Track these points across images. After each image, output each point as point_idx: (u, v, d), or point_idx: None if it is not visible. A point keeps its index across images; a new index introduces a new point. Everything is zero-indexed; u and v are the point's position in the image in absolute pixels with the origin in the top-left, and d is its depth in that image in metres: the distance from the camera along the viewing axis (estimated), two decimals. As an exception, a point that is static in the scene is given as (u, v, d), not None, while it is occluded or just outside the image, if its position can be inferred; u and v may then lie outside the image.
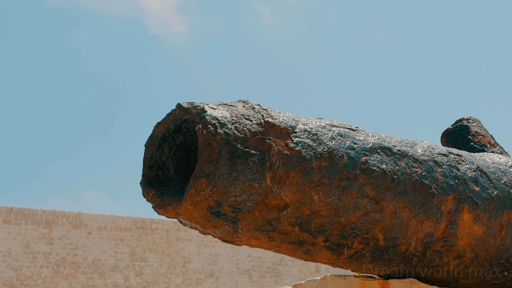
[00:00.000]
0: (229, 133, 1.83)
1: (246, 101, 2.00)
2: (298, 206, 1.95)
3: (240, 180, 1.83)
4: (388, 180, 2.08)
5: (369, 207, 2.04)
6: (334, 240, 2.05)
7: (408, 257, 2.18)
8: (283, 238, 2.01)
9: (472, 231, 2.24)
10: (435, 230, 2.17)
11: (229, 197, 1.84)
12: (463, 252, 2.25)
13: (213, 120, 1.84)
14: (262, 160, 1.86)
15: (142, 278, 18.30)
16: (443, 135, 2.97)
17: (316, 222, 1.99)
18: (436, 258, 2.22)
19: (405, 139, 2.29)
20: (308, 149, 1.96)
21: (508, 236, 2.32)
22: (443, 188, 2.19)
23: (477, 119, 2.95)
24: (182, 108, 1.92)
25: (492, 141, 2.84)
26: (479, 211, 2.25)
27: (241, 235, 1.95)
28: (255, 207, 1.89)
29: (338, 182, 1.99)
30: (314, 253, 2.08)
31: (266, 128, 1.92)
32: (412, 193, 2.12)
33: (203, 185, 1.80)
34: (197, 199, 1.82)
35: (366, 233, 2.07)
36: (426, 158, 2.22)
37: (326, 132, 2.05)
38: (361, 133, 2.15)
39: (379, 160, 2.09)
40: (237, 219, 1.89)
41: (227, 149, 1.82)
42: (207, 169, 1.80)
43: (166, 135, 2.00)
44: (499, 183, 2.36)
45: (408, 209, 2.11)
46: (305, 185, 1.94)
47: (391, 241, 2.12)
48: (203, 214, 1.86)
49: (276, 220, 1.94)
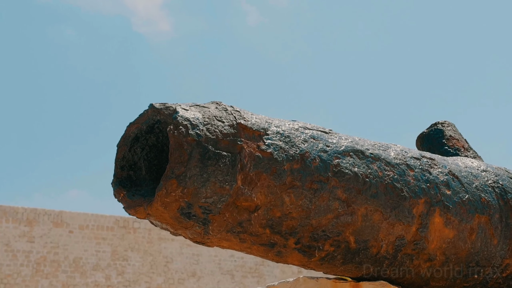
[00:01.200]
0: (200, 135, 1.83)
1: (219, 102, 2.00)
2: (269, 208, 1.95)
3: (211, 181, 1.83)
4: (360, 183, 2.09)
5: (341, 209, 2.05)
6: (305, 242, 2.06)
7: (379, 259, 2.19)
8: (254, 240, 2.01)
9: (443, 234, 2.26)
10: (406, 233, 2.19)
11: (200, 199, 1.84)
12: (434, 255, 2.27)
13: (184, 121, 1.84)
14: (233, 162, 1.87)
15: (123, 277, 18.22)
16: (418, 138, 3.00)
17: (287, 224, 2.00)
18: (407, 261, 2.24)
19: (379, 143, 2.30)
20: (280, 151, 1.97)
21: (478, 240, 2.34)
22: (415, 191, 2.21)
23: (452, 123, 2.98)
24: (154, 108, 1.91)
25: (466, 145, 2.87)
26: (450, 215, 2.27)
27: (211, 237, 1.96)
28: (226, 208, 1.89)
29: (310, 184, 1.99)
30: (285, 255, 2.09)
31: (238, 130, 1.92)
32: (384, 196, 2.14)
33: (174, 186, 1.80)
34: (167, 200, 1.82)
35: (337, 235, 2.08)
36: (398, 162, 2.24)
37: (299, 135, 2.06)
38: (334, 136, 2.16)
39: (351, 163, 2.11)
40: (208, 220, 1.89)
41: (198, 150, 1.82)
42: (178, 170, 1.80)
43: (138, 135, 2.00)
44: (470, 187, 2.38)
45: (380, 212, 2.12)
46: (277, 187, 1.94)
47: (362, 243, 2.13)
48: (173, 215, 1.86)
49: (247, 222, 1.94)
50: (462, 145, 2.85)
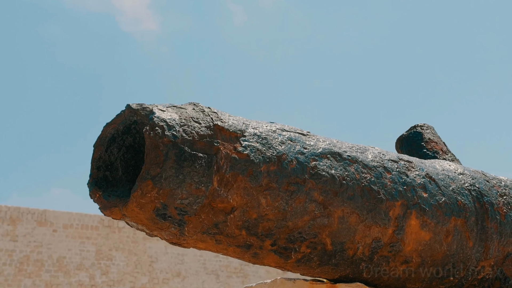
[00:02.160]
0: (176, 136, 1.83)
1: (196, 103, 2.00)
2: (245, 209, 1.95)
3: (186, 182, 1.83)
4: (337, 185, 2.10)
5: (317, 211, 2.06)
6: (281, 244, 2.06)
7: (356, 261, 2.20)
8: (230, 241, 2.01)
9: (419, 237, 2.27)
10: (382, 235, 2.20)
11: (175, 200, 1.84)
12: (410, 257, 2.28)
13: (161, 122, 1.84)
14: (209, 163, 1.87)
15: (107, 277, 18.13)
16: (397, 141, 3.02)
17: (264, 226, 2.00)
18: (383, 263, 2.25)
19: (356, 145, 2.31)
20: (256, 153, 1.97)
21: (454, 242, 2.36)
22: (392, 194, 2.22)
23: (431, 126, 3.00)
24: (131, 109, 1.91)
25: (444, 148, 2.89)
26: (427, 217, 2.29)
27: (187, 238, 1.95)
28: (202, 210, 1.89)
29: (286, 186, 2.00)
30: (262, 256, 2.09)
31: (215, 131, 1.92)
32: (361, 198, 2.14)
33: (149, 187, 1.80)
34: (143, 201, 1.82)
35: (314, 237, 2.08)
36: (375, 164, 2.25)
37: (276, 137, 2.06)
38: (312, 138, 2.17)
39: (329, 165, 2.11)
40: (183, 221, 1.89)
41: (174, 151, 1.82)
42: (154, 171, 1.80)
43: (115, 135, 1.99)
44: (447, 190, 2.40)
45: (356, 214, 2.13)
46: (253, 188, 1.94)
47: (339, 245, 2.14)
48: (149, 216, 1.85)
49: (223, 223, 1.95)
50: (441, 148, 2.87)
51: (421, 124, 2.99)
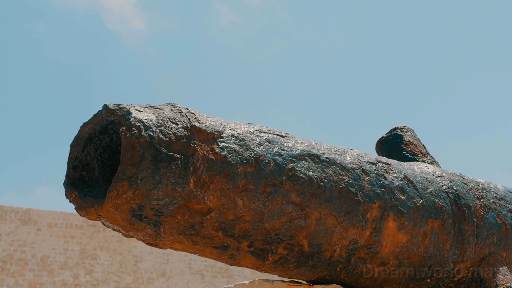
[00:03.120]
0: (153, 136, 1.83)
1: (174, 104, 1.99)
2: (222, 211, 1.95)
3: (162, 183, 1.83)
4: (315, 187, 2.10)
5: (294, 213, 2.06)
6: (258, 246, 2.06)
7: (333, 263, 2.20)
8: (207, 243, 2.01)
9: (396, 239, 2.28)
10: (359, 237, 2.20)
11: (151, 201, 1.83)
12: (387, 259, 2.29)
13: (137, 122, 1.83)
14: (186, 164, 1.86)
15: (92, 276, 18.03)
16: (378, 143, 3.03)
17: (240, 227, 2.00)
18: (361, 264, 2.26)
19: (335, 147, 2.31)
20: (234, 154, 1.97)
21: (431, 244, 2.37)
22: (369, 196, 2.23)
23: (410, 129, 3.02)
24: (108, 109, 1.90)
25: (424, 151, 2.90)
26: (404, 220, 2.30)
27: (163, 239, 1.95)
28: (178, 211, 1.88)
29: (264, 188, 2.00)
30: (239, 258, 2.09)
31: (192, 132, 1.91)
32: (338, 200, 2.15)
33: (125, 188, 1.79)
34: (118, 202, 1.81)
35: (291, 239, 2.09)
36: (354, 166, 2.25)
37: (254, 138, 2.06)
38: (290, 140, 2.17)
39: (306, 167, 2.12)
40: (159, 222, 1.88)
41: (150, 152, 1.81)
42: (129, 171, 1.79)
43: (92, 136, 1.98)
44: (425, 193, 2.41)
45: (334, 216, 2.13)
46: (230, 190, 1.94)
47: (316, 247, 2.14)
48: (125, 216, 1.85)
49: (199, 225, 1.94)
50: (420, 150, 2.89)
51: (401, 127, 3.00)
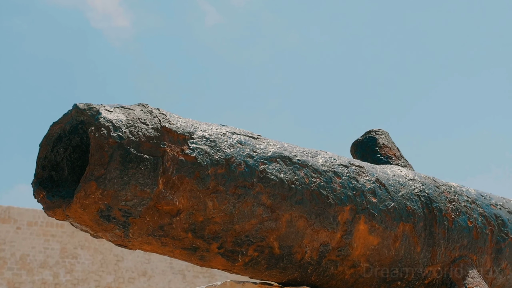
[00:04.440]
0: (122, 137, 1.82)
1: (145, 104, 1.99)
2: (192, 212, 1.95)
3: (131, 184, 1.82)
4: (286, 189, 2.11)
5: (265, 215, 2.06)
6: (228, 247, 2.06)
7: (304, 265, 2.21)
8: (176, 244, 2.00)
9: (367, 242, 2.29)
10: (330, 239, 2.21)
11: (120, 201, 1.82)
12: (358, 261, 2.30)
13: (107, 122, 1.82)
14: (155, 165, 1.86)
15: (72, 275, 17.91)
16: (352, 145, 3.04)
17: (210, 228, 2.00)
18: (331, 267, 2.26)
19: (308, 149, 2.32)
20: (204, 155, 1.97)
21: (402, 247, 2.38)
22: (341, 198, 2.24)
23: (385, 132, 3.03)
24: (78, 109, 1.89)
25: (398, 154, 2.92)
26: (375, 222, 2.31)
27: (132, 240, 1.94)
28: (147, 212, 1.88)
29: (234, 189, 2.00)
30: (209, 259, 2.09)
31: (162, 133, 1.91)
32: (309, 202, 2.15)
33: (93, 188, 1.78)
34: (86, 202, 1.80)
35: (261, 241, 2.09)
36: (326, 169, 2.26)
37: (226, 140, 2.06)
38: (262, 142, 2.17)
39: (278, 169, 2.12)
40: (128, 223, 1.88)
41: (119, 152, 1.80)
42: (98, 172, 1.78)
43: (62, 135, 1.97)
44: (396, 196, 2.42)
45: (304, 218, 2.14)
46: (200, 191, 1.94)
47: (286, 249, 2.14)
48: (93, 217, 1.84)
49: (169, 226, 1.94)
50: (394, 153, 2.91)
51: (376, 130, 3.02)
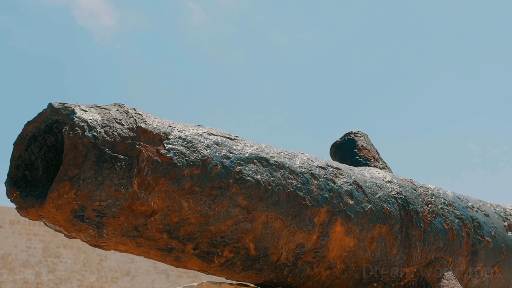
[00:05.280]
0: (97, 137, 1.81)
1: (121, 104, 1.98)
2: (167, 213, 1.94)
3: (105, 184, 1.81)
4: (262, 190, 2.11)
5: (241, 216, 2.06)
6: (203, 248, 2.05)
7: (280, 266, 2.21)
8: (151, 245, 1.99)
9: (343, 243, 2.30)
10: (306, 241, 2.21)
11: (94, 202, 1.81)
12: (334, 263, 2.31)
13: (81, 122, 1.81)
14: (130, 166, 1.85)
15: (54, 274, 17.77)
16: (332, 147, 3.05)
17: (185, 229, 1.99)
18: (308, 268, 2.27)
19: (286, 151, 2.32)
20: (180, 156, 1.96)
21: (378, 249, 2.39)
22: (317, 200, 2.24)
23: (364, 134, 3.04)
24: (52, 108, 1.88)
25: (376, 156, 2.93)
26: (352, 224, 2.31)
27: (106, 240, 1.93)
28: (121, 212, 1.87)
29: (210, 190, 1.99)
30: (184, 260, 2.08)
31: (138, 134, 1.90)
32: (286, 204, 2.15)
33: (67, 188, 1.77)
34: (60, 202, 1.79)
35: (237, 242, 2.09)
36: (303, 170, 2.26)
37: (202, 140, 2.05)
38: (240, 143, 2.17)
39: (254, 171, 2.12)
40: (102, 223, 1.87)
41: (94, 152, 1.79)
42: (72, 172, 1.77)
43: (36, 134, 1.95)
44: (373, 198, 2.43)
45: (281, 219, 2.14)
46: (175, 192, 1.93)
47: (262, 250, 2.14)
48: (66, 217, 1.83)
49: (143, 226, 1.93)
50: (373, 155, 2.92)
51: (355, 131, 3.03)
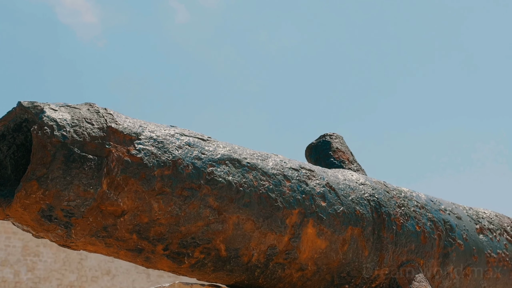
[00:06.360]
0: (66, 136, 1.80)
1: (92, 104, 1.97)
2: (137, 213, 1.93)
3: (74, 184, 1.80)
4: (233, 191, 2.11)
5: (211, 217, 2.06)
6: (174, 249, 2.05)
7: (251, 268, 2.21)
8: (121, 245, 1.99)
9: (315, 245, 2.31)
10: (278, 242, 2.22)
11: (62, 201, 1.80)
12: (306, 264, 2.31)
13: (50, 121, 1.80)
14: (99, 166, 1.84)
15: (33, 273, 17.62)
16: (307, 149, 3.06)
17: (155, 230, 1.99)
18: (279, 270, 2.27)
19: (259, 152, 2.32)
20: (151, 156, 1.95)
21: (350, 251, 2.40)
22: (289, 202, 2.24)
23: (340, 136, 3.05)
24: (22, 107, 1.86)
25: (351, 158, 2.94)
26: (323, 226, 2.32)
27: (75, 240, 1.92)
28: (90, 212, 1.86)
29: (181, 191, 1.99)
30: (154, 261, 2.08)
31: (108, 133, 1.89)
32: (257, 205, 2.16)
33: (34, 188, 1.76)
34: (27, 202, 1.77)
35: (208, 243, 2.08)
36: (275, 172, 2.27)
37: (174, 141, 2.05)
38: (212, 144, 2.17)
39: (226, 172, 2.12)
40: (70, 223, 1.86)
41: (62, 152, 1.78)
42: (40, 171, 1.76)
43: (5, 133, 1.94)
44: (346, 200, 2.44)
45: (252, 221, 2.14)
46: (145, 192, 1.93)
47: (233, 252, 2.14)
48: (34, 217, 1.81)
49: (113, 227, 1.92)
50: (347, 157, 2.93)
51: (330, 133, 3.04)
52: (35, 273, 17.63)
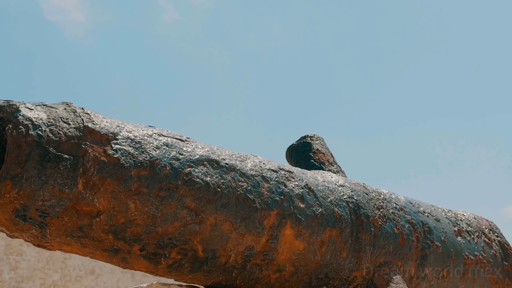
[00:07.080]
0: (42, 136, 1.79)
1: (69, 103, 1.96)
2: (113, 214, 1.93)
3: (49, 184, 1.79)
4: (211, 192, 2.11)
5: (189, 218, 2.06)
6: (150, 250, 2.05)
7: (228, 269, 2.21)
8: (97, 245, 1.98)
9: (293, 246, 2.31)
10: (255, 244, 2.22)
11: (37, 201, 1.80)
12: (283, 266, 2.32)
13: (26, 121, 1.79)
14: (75, 165, 1.83)
15: (16, 273, 17.49)
16: (288, 150, 3.07)
17: (132, 230, 1.98)
18: (256, 271, 2.27)
19: (237, 153, 2.33)
20: (128, 157, 1.95)
21: (328, 252, 2.41)
22: (268, 203, 2.25)
23: (320, 137, 3.06)
24: None
25: (331, 160, 2.95)
26: (301, 227, 2.33)
27: (50, 240, 1.91)
28: (65, 212, 1.85)
29: (158, 192, 1.99)
30: (131, 261, 2.07)
31: (84, 133, 1.89)
32: (235, 206, 2.16)
33: (8, 187, 1.75)
34: (1, 202, 1.77)
35: (184, 244, 2.08)
36: (254, 173, 2.27)
37: (152, 141, 2.05)
38: (190, 144, 2.17)
39: (204, 172, 2.12)
40: (45, 223, 1.85)
41: (37, 151, 1.78)
42: (14, 171, 1.75)
43: None
44: (325, 201, 2.45)
45: (230, 222, 2.14)
46: (121, 193, 1.92)
47: (211, 252, 2.14)
48: (8, 217, 1.80)
49: (88, 227, 1.91)
50: (328, 159, 2.94)
51: (311, 135, 3.05)
52: (18, 272, 17.50)
